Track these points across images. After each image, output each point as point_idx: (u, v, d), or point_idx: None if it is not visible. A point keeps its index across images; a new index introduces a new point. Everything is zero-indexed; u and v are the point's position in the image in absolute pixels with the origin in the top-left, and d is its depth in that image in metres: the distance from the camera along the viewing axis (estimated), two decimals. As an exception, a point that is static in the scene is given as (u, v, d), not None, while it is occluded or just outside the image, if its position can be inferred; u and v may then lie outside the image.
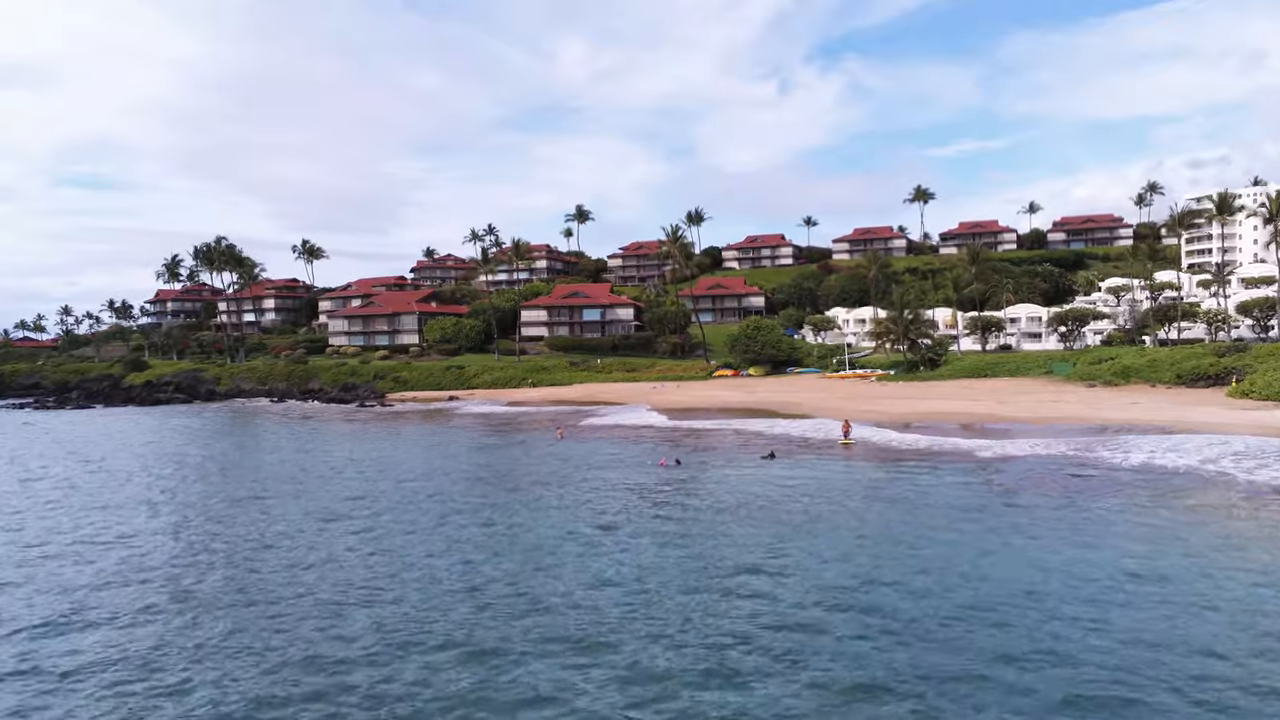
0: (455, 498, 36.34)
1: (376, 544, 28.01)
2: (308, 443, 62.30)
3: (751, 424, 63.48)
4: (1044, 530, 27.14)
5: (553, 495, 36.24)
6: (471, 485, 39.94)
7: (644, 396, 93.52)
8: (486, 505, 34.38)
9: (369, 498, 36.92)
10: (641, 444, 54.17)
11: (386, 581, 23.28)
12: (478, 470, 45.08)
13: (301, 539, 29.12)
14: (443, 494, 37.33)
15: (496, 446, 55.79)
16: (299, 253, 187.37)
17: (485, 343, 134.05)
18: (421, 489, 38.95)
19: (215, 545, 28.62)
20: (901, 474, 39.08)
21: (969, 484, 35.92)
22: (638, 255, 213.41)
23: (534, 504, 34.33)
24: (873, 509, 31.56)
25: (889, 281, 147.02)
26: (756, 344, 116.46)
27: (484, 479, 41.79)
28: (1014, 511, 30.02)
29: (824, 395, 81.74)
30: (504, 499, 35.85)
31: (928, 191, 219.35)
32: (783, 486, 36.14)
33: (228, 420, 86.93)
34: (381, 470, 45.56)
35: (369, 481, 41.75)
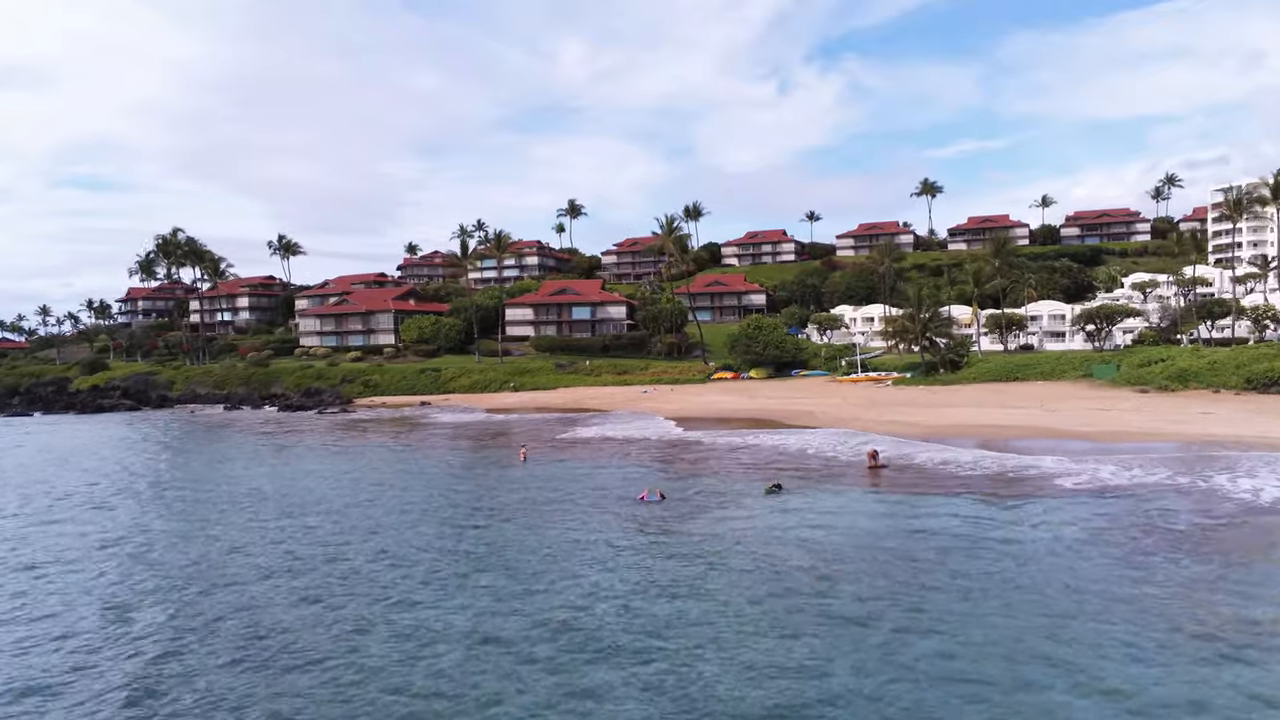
0: (348, 572, 26.55)
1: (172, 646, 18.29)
2: (223, 462, 52.57)
3: (754, 437, 53.78)
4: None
5: (483, 561, 26.48)
6: (389, 537, 30.16)
7: (634, 402, 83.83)
8: (382, 586, 24.62)
9: (229, 560, 27.16)
10: (623, 465, 44.42)
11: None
12: (408, 510, 35.30)
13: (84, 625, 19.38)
14: (334, 563, 27.52)
15: (451, 472, 46.01)
16: (275, 248, 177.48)
17: (466, 343, 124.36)
18: (312, 541, 29.24)
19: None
20: (971, 516, 29.16)
21: (1096, 537, 25.97)
22: (633, 252, 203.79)
23: (448, 583, 24.55)
24: (962, 592, 21.20)
25: (897, 278, 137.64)
26: (758, 344, 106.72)
27: (410, 526, 32.02)
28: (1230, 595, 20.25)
29: (836, 401, 72.07)
30: (416, 568, 26.09)
31: (935, 185, 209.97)
32: (801, 544, 26.32)
33: (156, 431, 77.09)
34: (285, 509, 35.78)
35: (251, 528, 32.03)
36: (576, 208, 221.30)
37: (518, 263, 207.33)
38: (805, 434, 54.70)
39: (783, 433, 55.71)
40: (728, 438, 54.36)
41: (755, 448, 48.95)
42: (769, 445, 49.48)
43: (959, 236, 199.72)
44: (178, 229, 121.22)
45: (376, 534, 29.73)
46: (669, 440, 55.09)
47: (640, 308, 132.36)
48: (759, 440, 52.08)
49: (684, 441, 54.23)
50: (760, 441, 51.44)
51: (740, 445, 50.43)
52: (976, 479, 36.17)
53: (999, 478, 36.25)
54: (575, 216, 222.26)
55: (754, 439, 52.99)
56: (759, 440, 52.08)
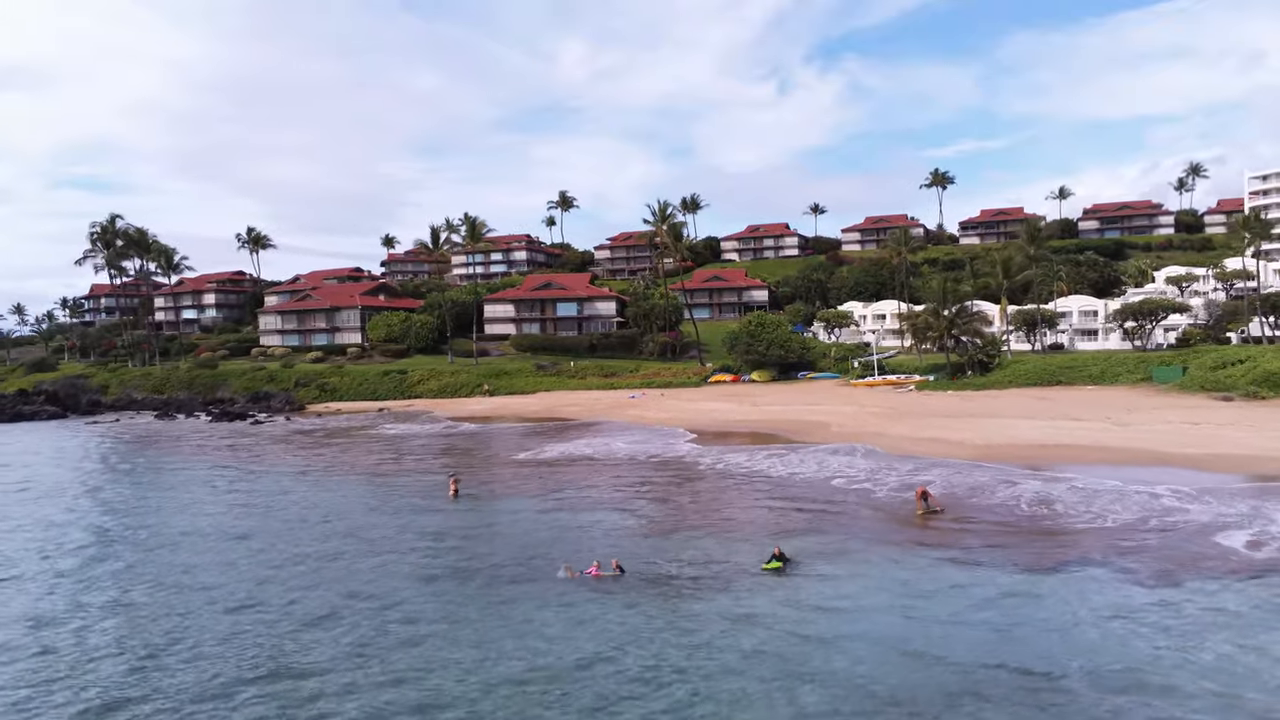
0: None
1: None
2: (25, 492, 41.22)
3: (756, 458, 42.43)
4: None
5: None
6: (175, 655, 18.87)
7: (617, 409, 72.47)
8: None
9: None
10: (578, 506, 33.03)
11: None
12: (239, 589, 24.00)
13: None
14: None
15: (345, 517, 34.54)
16: (243, 242, 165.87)
17: (440, 342, 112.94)
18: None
19: None
20: (1152, 627, 17.73)
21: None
22: (627, 246, 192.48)
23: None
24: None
25: (908, 274, 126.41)
26: (760, 343, 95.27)
27: (228, 627, 20.71)
28: None
29: (853, 410, 60.71)
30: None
31: (946, 175, 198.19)
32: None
33: (32, 446, 65.79)
34: (79, 576, 24.48)
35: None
36: (568, 200, 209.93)
37: (505, 258, 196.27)
38: (820, 453, 43.33)
39: (792, 452, 44.32)
40: (723, 458, 42.96)
41: (757, 476, 37.53)
42: (776, 474, 38.03)
43: (971, 230, 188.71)
44: (116, 215, 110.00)
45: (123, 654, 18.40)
46: (650, 461, 43.72)
47: (631, 303, 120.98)
48: (762, 464, 40.67)
49: (667, 464, 42.86)
50: (764, 467, 40.01)
51: (737, 472, 39.02)
52: (1094, 535, 24.70)
53: (1132, 533, 24.76)
54: (567, 209, 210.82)
55: (756, 460, 41.58)
56: (762, 464, 40.67)
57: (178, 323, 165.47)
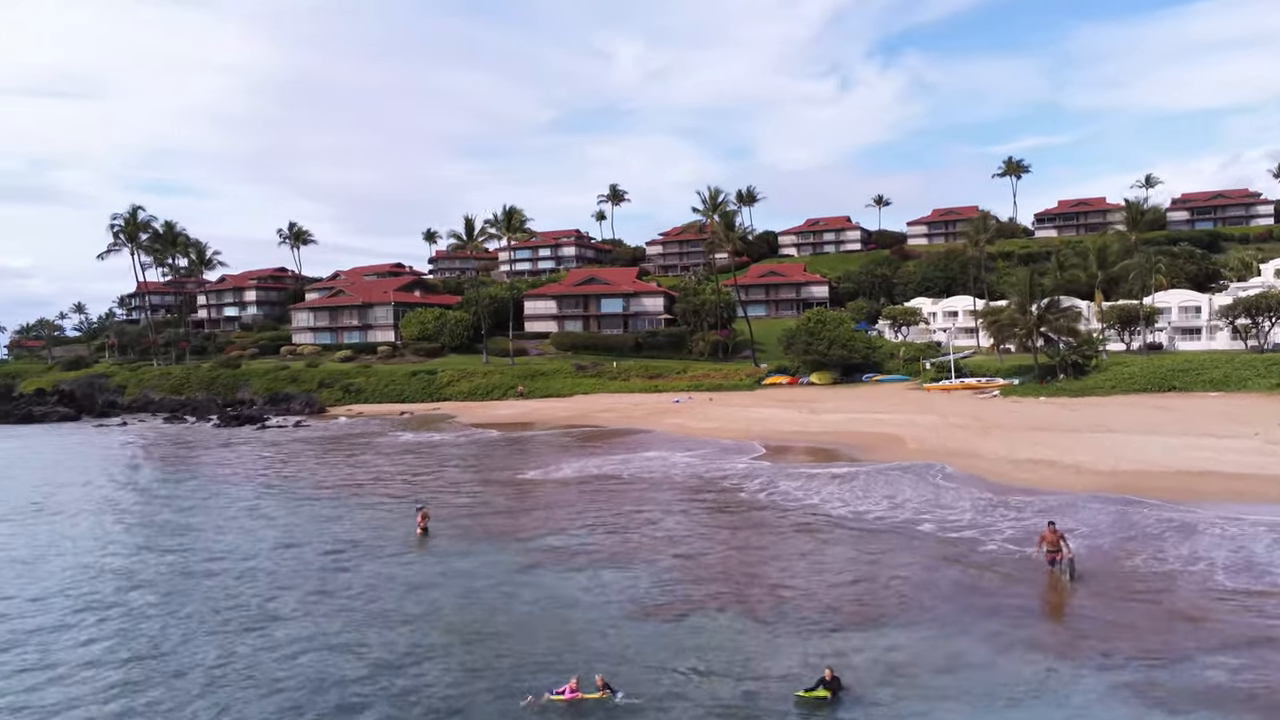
0: None
1: None
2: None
3: (816, 484, 33.80)
4: None
5: None
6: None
7: (657, 416, 64.21)
8: None
9: None
10: (573, 561, 24.86)
11: None
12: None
13: None
14: None
15: (276, 568, 26.84)
16: (284, 237, 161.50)
17: (477, 341, 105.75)
18: None
19: None
20: None
21: None
22: (680, 241, 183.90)
23: None
24: None
25: (983, 267, 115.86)
26: (820, 342, 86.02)
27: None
28: None
29: (931, 420, 51.49)
30: None
31: (1021, 164, 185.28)
32: None
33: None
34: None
35: None
36: (619, 193, 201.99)
37: (553, 254, 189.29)
38: (896, 477, 34.51)
39: (860, 475, 35.55)
40: (774, 483, 34.40)
41: (815, 514, 28.86)
42: (840, 511, 29.26)
43: (1047, 223, 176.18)
44: (138, 207, 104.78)
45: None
46: (680, 486, 35.36)
47: (680, 299, 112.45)
48: (823, 493, 31.99)
49: (701, 490, 34.44)
50: (825, 498, 31.32)
51: (789, 505, 30.41)
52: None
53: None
54: (618, 203, 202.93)
55: (814, 487, 32.94)
56: (823, 493, 31.99)
57: (218, 320, 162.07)
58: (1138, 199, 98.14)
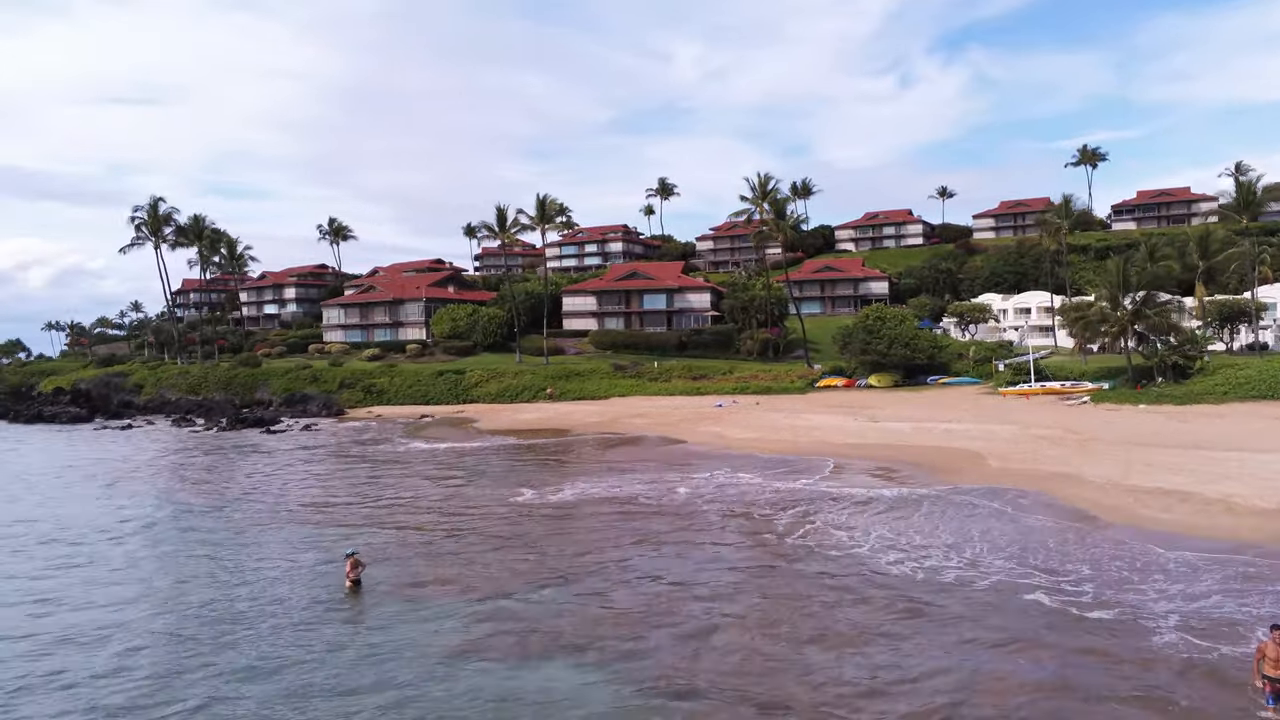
0: None
1: None
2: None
3: (873, 518, 26.41)
4: None
5: None
6: None
7: (694, 423, 57.04)
8: None
9: None
10: (543, 629, 17.99)
11: None
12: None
13: None
14: None
15: (140, 644, 20.33)
16: (323, 233, 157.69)
17: (512, 338, 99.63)
18: None
19: None
20: None
21: None
22: (731, 236, 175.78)
23: None
24: None
25: (1057, 261, 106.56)
26: (880, 340, 77.91)
27: None
28: None
29: (1012, 431, 43.46)
30: None
31: (1097, 153, 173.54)
32: None
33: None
34: None
35: None
36: (668, 187, 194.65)
37: (600, 249, 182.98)
38: (977, 509, 26.98)
39: (930, 507, 28.01)
40: (816, 516, 27.05)
41: (870, 571, 21.51)
42: (904, 568, 21.82)
43: (1125, 214, 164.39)
44: (159, 199, 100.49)
45: None
46: (704, 515, 28.24)
47: (729, 296, 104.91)
48: (880, 534, 24.60)
49: (727, 524, 27.26)
50: (883, 543, 23.92)
51: (832, 552, 23.08)
52: None
53: None
54: (667, 197, 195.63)
55: (871, 526, 25.55)
56: (880, 534, 24.60)
57: (258, 318, 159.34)
58: (1248, 180, 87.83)
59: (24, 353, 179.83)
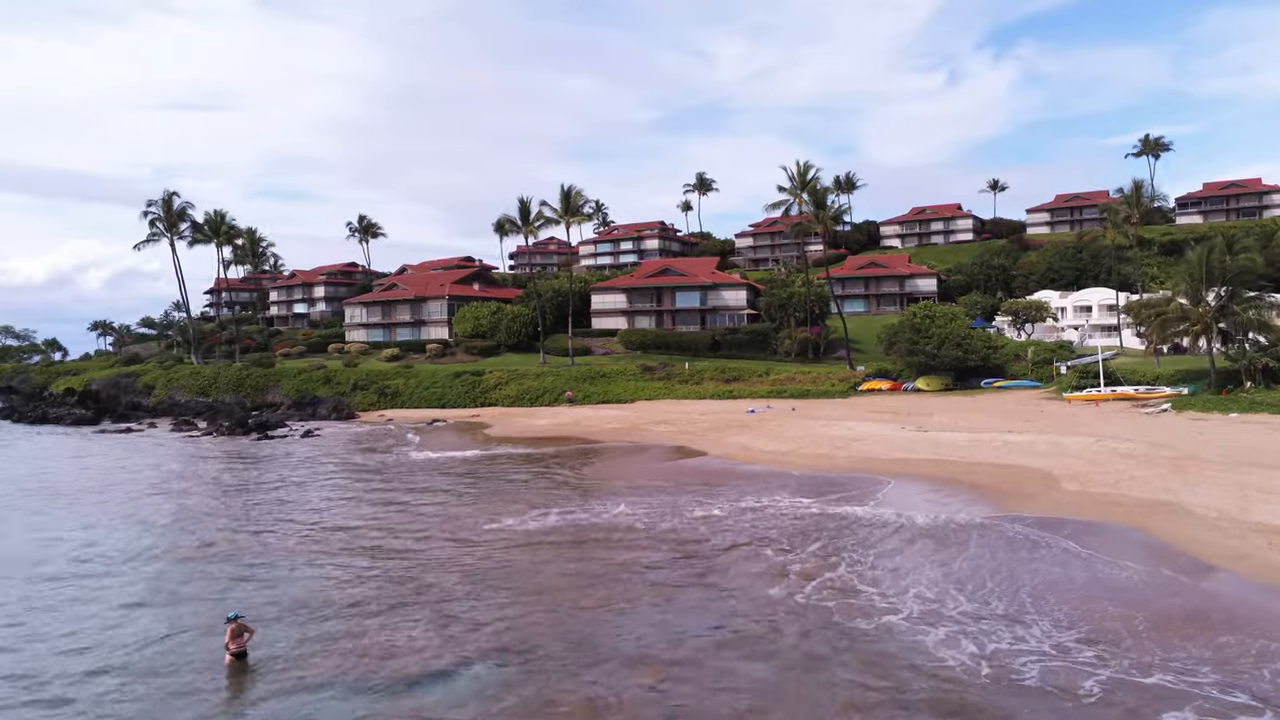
0: None
1: None
2: None
3: (920, 556, 20.73)
4: None
5: None
6: None
7: (722, 431, 51.47)
8: None
9: None
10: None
11: None
12: None
13: None
14: None
15: None
16: (353, 230, 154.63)
17: (537, 338, 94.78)
18: None
19: None
20: None
21: None
22: (771, 233, 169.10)
23: None
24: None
25: (1117, 258, 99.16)
26: (929, 340, 71.62)
27: None
28: None
29: (1089, 446, 37.22)
30: None
31: (1160, 141, 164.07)
32: None
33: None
34: None
35: None
36: (706, 182, 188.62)
37: (636, 246, 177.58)
38: (1052, 549, 21.17)
39: (993, 533, 22.25)
40: (843, 561, 21.47)
41: (913, 654, 15.94)
42: (966, 657, 16.20)
43: (1191, 208, 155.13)
44: (173, 193, 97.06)
45: None
46: (691, 558, 22.80)
47: (766, 293, 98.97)
48: (926, 592, 18.98)
49: (715, 572, 21.76)
50: (934, 611, 18.30)
51: (875, 625, 17.51)
52: None
53: None
54: (705, 193, 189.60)
55: (917, 579, 19.91)
56: (926, 592, 18.98)
57: (287, 317, 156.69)
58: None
59: (59, 353, 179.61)
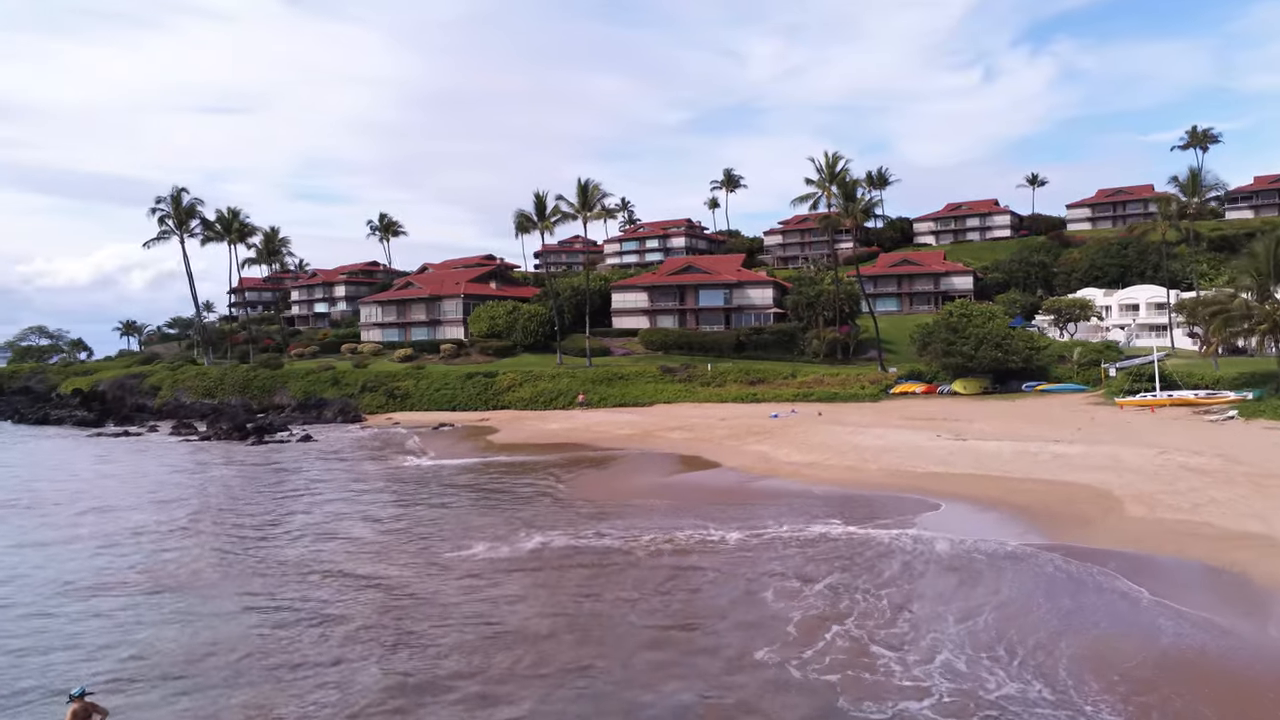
0: None
1: None
2: None
3: (966, 608, 16.75)
4: None
5: None
6: None
7: (742, 438, 47.53)
8: None
9: None
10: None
11: None
12: None
13: None
14: None
15: None
16: (374, 228, 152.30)
17: (554, 338, 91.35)
18: None
19: None
20: None
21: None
22: (801, 230, 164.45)
23: None
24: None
25: (1164, 254, 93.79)
26: (966, 341, 67.14)
27: None
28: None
29: (1152, 460, 32.79)
30: None
31: (1209, 134, 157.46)
32: None
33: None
34: None
35: None
36: (734, 179, 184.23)
37: (662, 245, 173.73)
38: (1127, 600, 17.08)
39: (1044, 570, 18.20)
40: (861, 596, 17.56)
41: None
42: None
43: (1242, 202, 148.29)
44: (182, 189, 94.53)
45: None
46: (678, 603, 19.00)
47: (793, 291, 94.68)
48: (956, 644, 15.03)
49: (728, 596, 17.94)
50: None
51: (875, 698, 13.60)
52: None
53: None
54: (733, 189, 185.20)
55: (950, 620, 15.98)
56: (956, 644, 15.03)
57: (308, 316, 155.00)
58: None
59: (85, 353, 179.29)
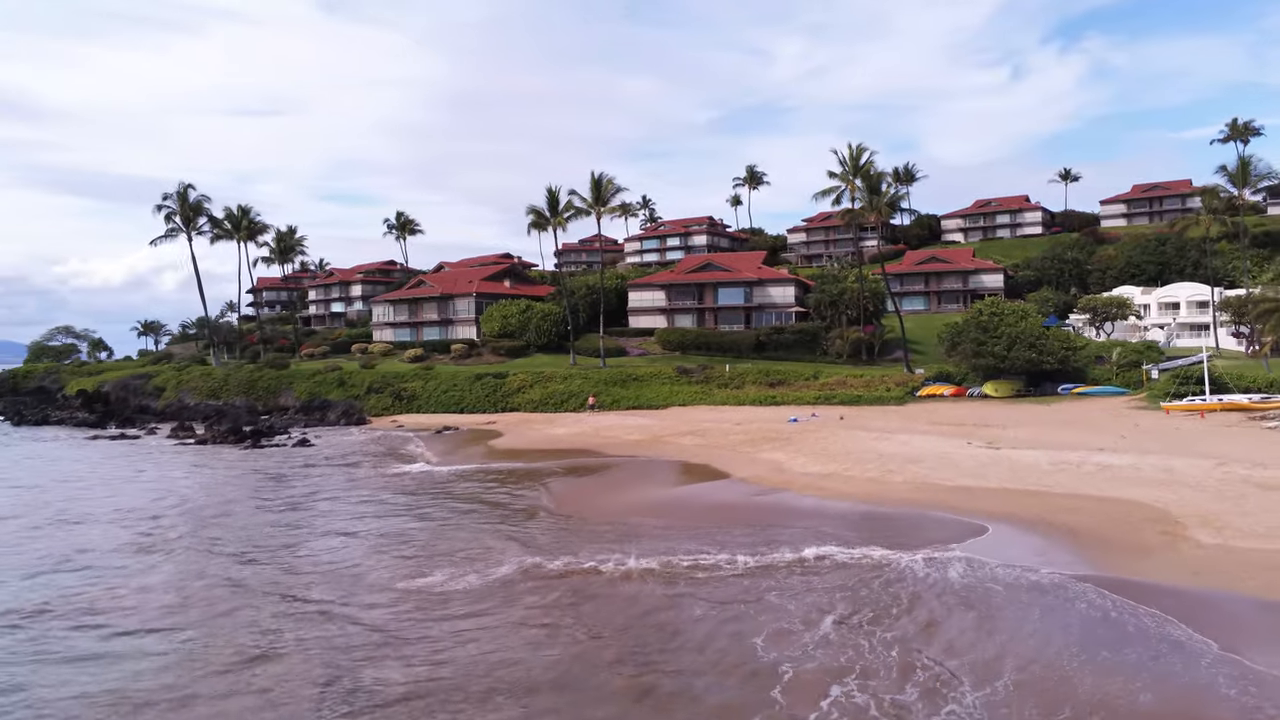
0: None
1: None
2: None
3: (1002, 667, 13.66)
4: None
5: None
6: None
7: (757, 445, 44.43)
8: None
9: None
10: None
11: None
12: None
13: None
14: None
15: None
16: (390, 227, 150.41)
17: (568, 338, 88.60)
18: None
19: None
20: None
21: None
22: (825, 228, 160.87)
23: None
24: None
25: (1205, 251, 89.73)
26: (997, 340, 63.54)
27: None
28: None
29: (1208, 473, 29.35)
30: None
31: (1250, 126, 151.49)
32: None
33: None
34: None
35: None
36: (756, 176, 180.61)
37: (683, 243, 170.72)
38: (1205, 669, 13.91)
39: (1096, 614, 15.06)
40: (872, 646, 14.53)
41: None
42: None
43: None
44: (188, 185, 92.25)
45: None
46: (643, 655, 16.06)
47: (815, 289, 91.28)
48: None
49: (702, 642, 14.96)
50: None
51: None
52: None
53: None
54: (755, 186, 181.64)
55: (978, 685, 12.91)
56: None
57: (325, 316, 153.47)
58: None
59: (105, 352, 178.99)
